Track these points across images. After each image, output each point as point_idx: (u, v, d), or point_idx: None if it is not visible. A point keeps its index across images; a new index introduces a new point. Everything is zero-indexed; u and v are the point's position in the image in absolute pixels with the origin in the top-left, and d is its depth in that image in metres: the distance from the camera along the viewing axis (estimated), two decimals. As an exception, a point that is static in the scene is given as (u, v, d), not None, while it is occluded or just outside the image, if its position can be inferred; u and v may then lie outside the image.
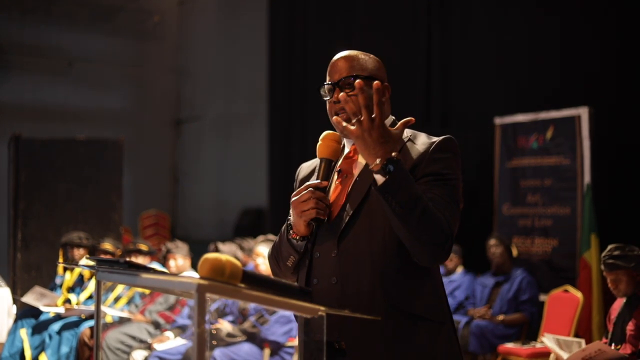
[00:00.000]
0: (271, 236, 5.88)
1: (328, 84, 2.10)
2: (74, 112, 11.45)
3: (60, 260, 6.44)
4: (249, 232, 7.86)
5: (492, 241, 6.11)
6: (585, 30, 6.25)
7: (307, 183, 2.06)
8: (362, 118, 1.84)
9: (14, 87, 11.07)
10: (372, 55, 2.16)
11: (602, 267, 3.98)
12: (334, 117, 2.01)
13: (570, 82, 6.32)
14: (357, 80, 1.91)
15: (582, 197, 5.83)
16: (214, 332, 5.20)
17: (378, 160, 1.84)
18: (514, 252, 6.20)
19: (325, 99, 2.12)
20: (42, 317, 6.02)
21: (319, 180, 2.06)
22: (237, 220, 10.88)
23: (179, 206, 12.67)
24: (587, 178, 5.83)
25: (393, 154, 1.84)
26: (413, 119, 1.94)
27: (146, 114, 12.38)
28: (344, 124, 1.90)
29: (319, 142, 2.11)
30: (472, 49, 7.26)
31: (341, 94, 2.03)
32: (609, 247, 4.01)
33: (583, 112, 5.88)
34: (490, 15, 7.11)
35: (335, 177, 2.13)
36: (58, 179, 7.15)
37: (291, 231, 2.11)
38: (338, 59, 2.13)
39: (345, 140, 2.18)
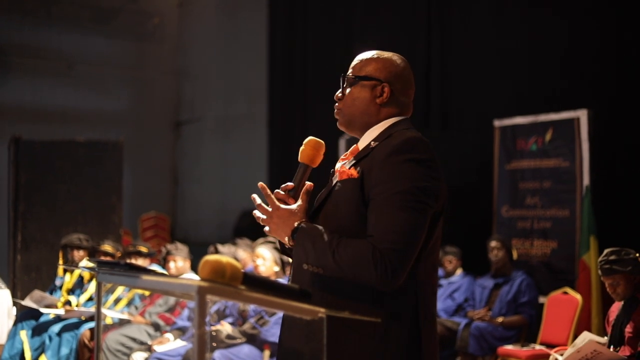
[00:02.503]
0: (271, 237, 5.86)
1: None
2: (74, 113, 11.43)
3: (60, 261, 6.43)
4: (249, 234, 7.84)
5: (494, 243, 6.08)
6: (584, 32, 6.26)
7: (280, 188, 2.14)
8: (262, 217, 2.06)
9: (14, 89, 11.06)
10: (388, 55, 2.20)
11: (599, 272, 3.94)
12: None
13: (569, 84, 6.33)
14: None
15: (581, 199, 5.83)
16: (213, 333, 5.20)
17: (286, 238, 2.03)
18: (514, 254, 6.19)
19: None
20: (42, 319, 6.01)
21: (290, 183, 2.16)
22: (236, 222, 10.86)
23: (179, 208, 12.66)
24: (586, 180, 5.83)
25: (295, 223, 2.00)
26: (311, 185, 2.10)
27: (146, 116, 12.36)
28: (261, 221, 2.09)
29: (302, 147, 2.17)
30: (472, 51, 7.27)
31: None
32: (605, 251, 3.97)
33: (582, 115, 5.89)
34: (490, 17, 7.11)
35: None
36: (58, 180, 7.14)
37: None
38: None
39: (345, 138, 2.24)
